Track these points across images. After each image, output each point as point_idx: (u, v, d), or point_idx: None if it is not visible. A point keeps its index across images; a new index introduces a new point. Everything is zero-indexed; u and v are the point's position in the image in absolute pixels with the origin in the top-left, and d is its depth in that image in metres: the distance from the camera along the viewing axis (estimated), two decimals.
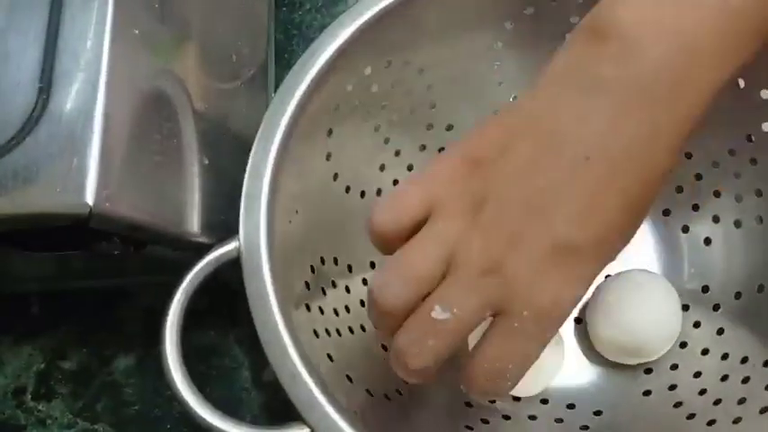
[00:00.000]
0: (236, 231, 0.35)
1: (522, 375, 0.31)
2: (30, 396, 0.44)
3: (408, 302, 0.30)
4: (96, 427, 0.43)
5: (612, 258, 0.30)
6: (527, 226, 0.29)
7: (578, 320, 0.43)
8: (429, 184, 0.31)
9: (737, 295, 0.41)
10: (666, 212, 0.44)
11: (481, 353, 0.31)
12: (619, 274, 0.42)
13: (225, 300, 0.43)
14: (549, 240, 0.29)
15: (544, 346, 0.31)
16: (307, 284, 0.38)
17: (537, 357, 0.31)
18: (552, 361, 0.40)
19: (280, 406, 0.42)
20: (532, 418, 0.40)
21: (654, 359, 0.41)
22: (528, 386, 0.40)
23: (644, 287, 0.40)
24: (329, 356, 0.36)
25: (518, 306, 0.29)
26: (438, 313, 0.29)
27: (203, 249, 0.35)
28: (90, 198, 0.31)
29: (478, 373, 0.31)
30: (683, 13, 0.28)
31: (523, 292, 0.29)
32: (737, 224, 0.42)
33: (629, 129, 0.28)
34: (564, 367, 0.41)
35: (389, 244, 0.31)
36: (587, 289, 0.30)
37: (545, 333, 0.30)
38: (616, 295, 0.41)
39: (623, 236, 0.30)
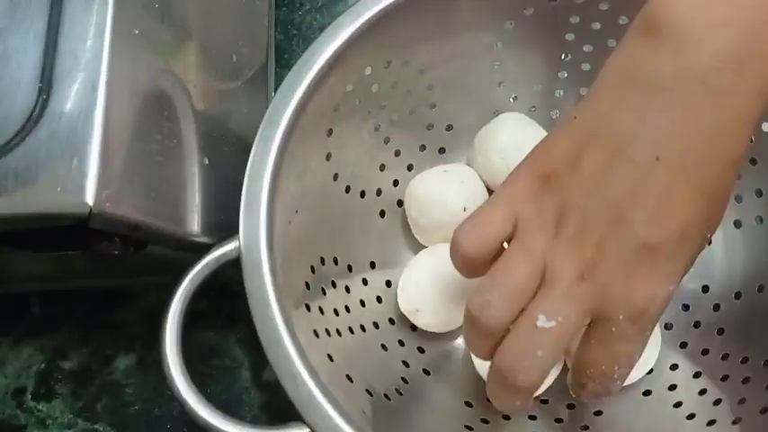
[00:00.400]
0: (236, 231, 0.35)
1: (628, 373, 0.32)
2: (30, 396, 0.44)
3: (510, 318, 0.31)
4: (96, 427, 0.43)
5: (701, 248, 0.31)
6: (610, 232, 0.29)
7: None
8: (507, 204, 0.32)
9: (737, 295, 0.41)
10: None
11: (585, 360, 0.32)
12: None
13: (225, 300, 0.43)
14: (632, 244, 0.29)
15: (645, 344, 0.32)
16: (307, 284, 0.38)
17: (640, 355, 0.32)
18: None
19: (280, 406, 0.42)
20: (532, 418, 0.40)
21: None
22: None
23: None
24: (329, 356, 0.36)
25: (613, 310, 0.30)
26: (543, 322, 0.30)
27: (203, 249, 0.35)
28: (90, 198, 0.31)
29: (587, 379, 0.32)
30: (738, 3, 0.28)
31: (617, 296, 0.30)
32: (737, 224, 0.42)
33: (695, 123, 0.28)
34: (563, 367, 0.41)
35: (476, 267, 0.32)
36: (678, 282, 0.30)
37: (643, 332, 0.31)
38: None
39: (705, 226, 0.30)
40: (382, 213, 0.44)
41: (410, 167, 0.45)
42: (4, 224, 0.32)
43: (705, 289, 0.42)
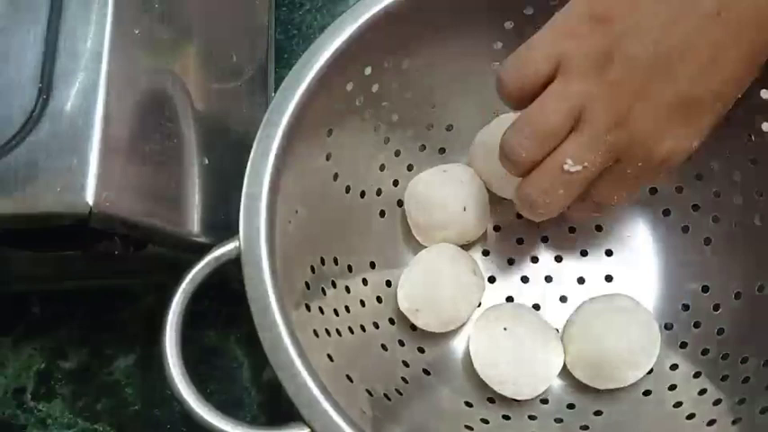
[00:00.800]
0: (236, 231, 0.35)
1: (627, 200, 0.35)
2: (30, 396, 0.44)
3: (536, 156, 0.33)
4: (96, 427, 0.43)
5: (725, 110, 0.32)
6: (652, 82, 0.31)
7: None
8: (553, 41, 0.32)
9: (737, 295, 0.41)
10: (666, 212, 0.44)
11: (596, 189, 0.34)
12: (603, 296, 0.42)
13: (225, 299, 0.43)
14: (672, 96, 0.31)
15: (655, 180, 0.36)
16: (307, 284, 0.38)
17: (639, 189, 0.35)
18: (552, 361, 0.40)
19: (280, 406, 0.42)
20: (532, 418, 0.40)
21: (621, 386, 0.40)
22: (528, 387, 0.40)
23: (623, 313, 0.40)
24: (329, 356, 0.36)
25: (635, 157, 0.32)
26: (570, 166, 0.32)
27: (203, 249, 0.35)
28: (90, 198, 0.31)
29: (590, 203, 0.35)
30: None
31: (643, 146, 0.32)
32: (737, 224, 0.42)
33: None
34: (563, 367, 0.41)
35: (517, 100, 0.33)
36: (701, 139, 0.32)
37: (656, 176, 0.34)
38: (594, 316, 0.40)
39: (741, 87, 0.32)
40: (382, 213, 0.44)
41: (410, 167, 0.45)
42: (4, 224, 0.32)
43: (705, 289, 0.42)
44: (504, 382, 0.40)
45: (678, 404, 0.39)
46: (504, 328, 0.40)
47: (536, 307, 0.44)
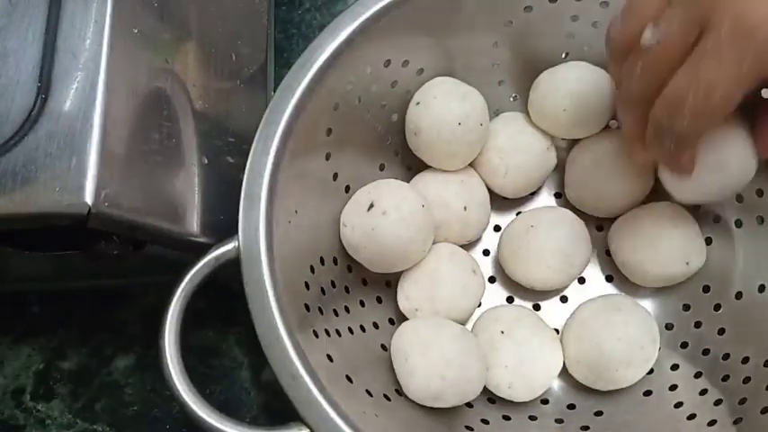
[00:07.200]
0: (236, 231, 0.34)
1: (703, 106, 0.31)
2: (29, 396, 0.44)
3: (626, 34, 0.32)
4: (96, 427, 0.43)
5: None
6: None
7: None
8: None
9: (738, 295, 0.41)
10: None
11: (666, 91, 0.31)
12: (603, 296, 0.42)
13: (225, 300, 0.42)
14: None
15: (738, 78, 0.30)
16: (306, 285, 0.38)
17: (727, 92, 0.30)
18: (551, 364, 0.40)
19: (280, 406, 0.42)
20: (532, 418, 0.40)
21: (620, 387, 0.40)
22: (527, 390, 0.40)
23: (622, 314, 0.40)
24: (329, 356, 0.36)
25: (718, 19, 0.29)
26: (646, 40, 0.31)
27: (203, 249, 0.35)
28: (89, 198, 0.31)
29: (659, 104, 0.32)
30: None
31: (731, 4, 0.28)
32: (737, 224, 0.42)
33: None
34: (563, 367, 0.41)
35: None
36: None
37: (739, 61, 0.29)
38: (594, 317, 0.40)
39: None
40: None
41: (410, 167, 0.45)
42: (4, 224, 0.32)
43: (705, 289, 0.42)
44: (504, 385, 0.40)
45: (679, 404, 0.39)
46: (502, 332, 0.40)
47: (536, 307, 0.44)
